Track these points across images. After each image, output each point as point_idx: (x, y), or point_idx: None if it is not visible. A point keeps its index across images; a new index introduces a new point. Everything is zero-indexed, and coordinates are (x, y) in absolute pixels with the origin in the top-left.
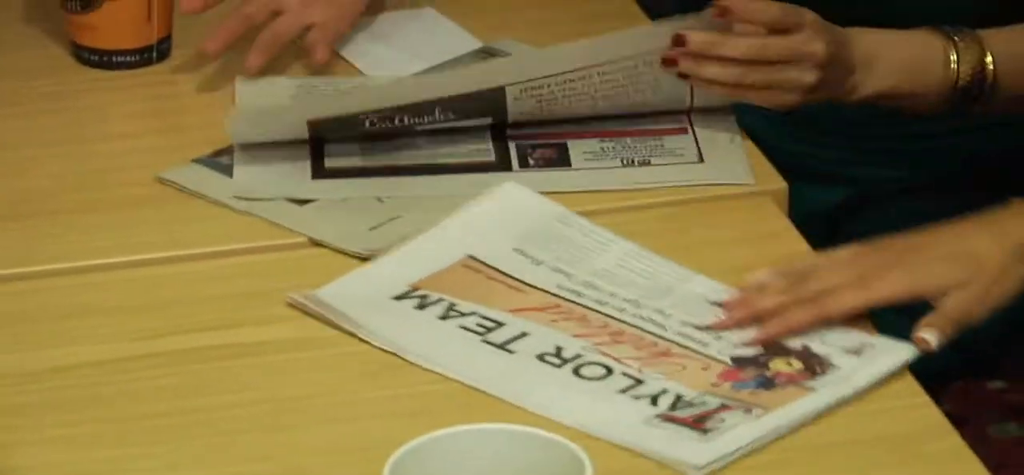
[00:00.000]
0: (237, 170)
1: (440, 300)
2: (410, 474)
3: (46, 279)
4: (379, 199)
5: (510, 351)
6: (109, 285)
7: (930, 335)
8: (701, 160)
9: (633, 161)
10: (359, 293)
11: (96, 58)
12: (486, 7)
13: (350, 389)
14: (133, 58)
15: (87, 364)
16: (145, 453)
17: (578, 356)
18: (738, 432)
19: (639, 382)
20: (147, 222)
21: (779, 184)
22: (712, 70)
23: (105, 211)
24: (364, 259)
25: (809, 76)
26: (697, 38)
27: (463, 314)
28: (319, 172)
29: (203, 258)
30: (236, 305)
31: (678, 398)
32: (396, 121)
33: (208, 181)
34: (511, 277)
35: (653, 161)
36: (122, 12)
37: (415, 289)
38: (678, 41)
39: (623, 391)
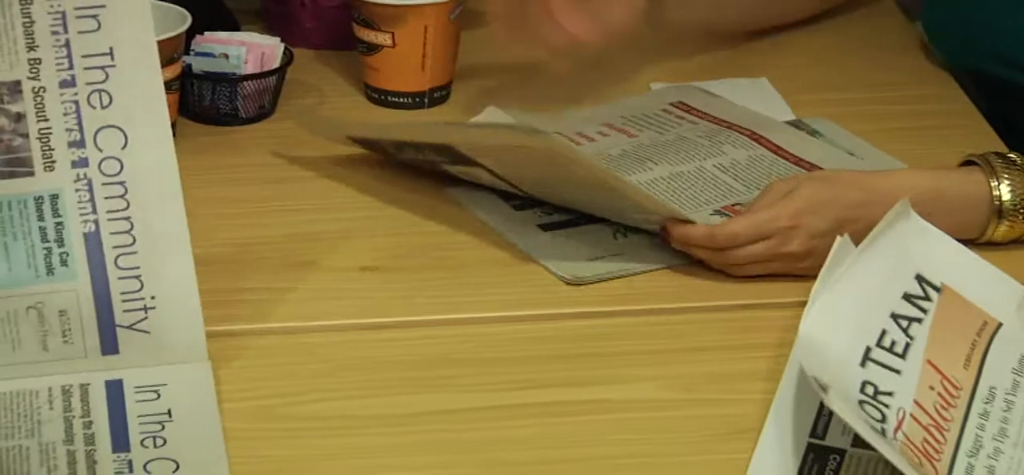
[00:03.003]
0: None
1: None
2: None
3: (419, 328)
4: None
5: None
6: (467, 337)
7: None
8: None
9: None
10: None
11: (377, 96)
12: (816, 85)
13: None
14: (406, 100)
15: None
16: None
17: None
18: None
19: None
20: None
21: None
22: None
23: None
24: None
25: (802, 262)
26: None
27: None
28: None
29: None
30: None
31: None
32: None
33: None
34: None
35: None
36: (397, 59)
37: None
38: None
39: None
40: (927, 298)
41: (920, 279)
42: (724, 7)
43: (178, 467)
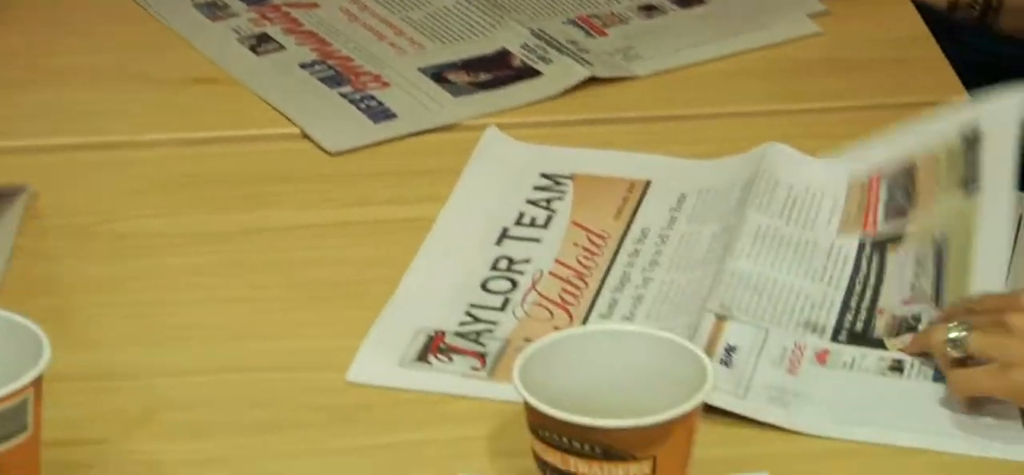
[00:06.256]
0: None
1: None
2: (538, 371)
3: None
4: None
5: None
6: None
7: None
8: None
9: None
10: None
11: None
12: None
13: None
14: None
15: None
16: None
17: None
18: None
19: None
20: None
21: None
22: None
23: None
24: None
25: None
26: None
27: None
28: None
29: None
30: None
31: None
32: None
33: None
34: None
35: None
36: None
37: None
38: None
39: None
40: (559, 185)
41: (544, 174)
42: None
43: None
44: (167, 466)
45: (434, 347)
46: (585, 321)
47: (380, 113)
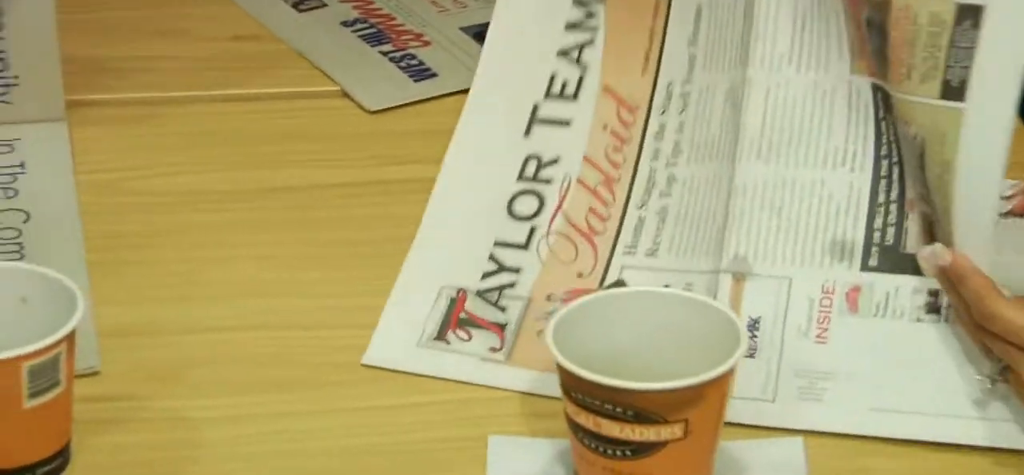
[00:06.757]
0: None
1: None
2: (570, 331)
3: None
4: None
5: None
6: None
7: None
8: None
9: None
10: None
11: None
12: None
13: None
14: None
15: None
16: None
17: None
18: None
19: None
20: None
21: None
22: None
23: None
24: None
25: None
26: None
27: None
28: None
29: None
30: None
31: None
32: None
33: None
34: None
35: None
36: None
37: None
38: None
39: None
40: (591, 14)
41: (578, 2)
42: None
43: (29, 218)
44: (194, 422)
45: (454, 318)
46: (610, 259)
47: (420, 72)
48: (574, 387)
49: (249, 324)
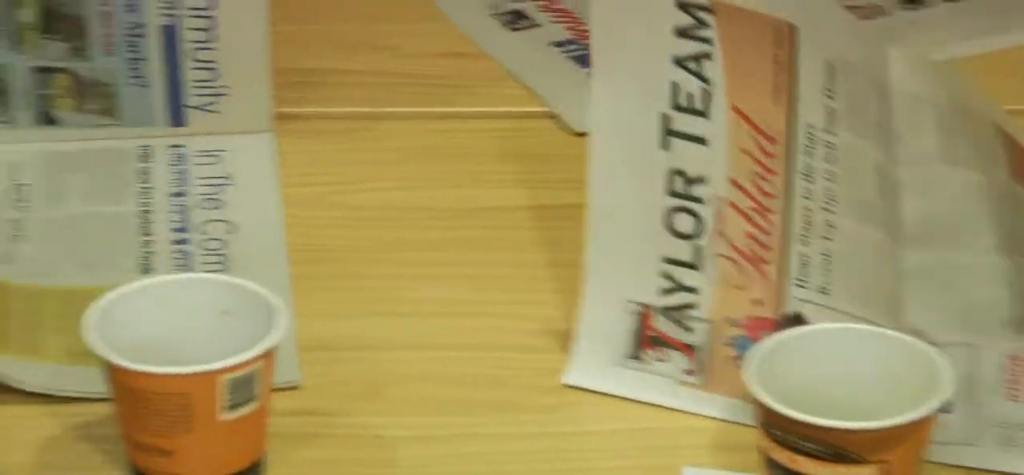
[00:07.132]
0: None
1: None
2: (767, 367)
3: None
4: None
5: None
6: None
7: None
8: None
9: None
10: None
11: None
12: None
13: None
14: None
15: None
16: None
17: None
18: None
19: None
20: None
21: None
22: None
23: None
24: None
25: None
26: None
27: None
28: None
29: None
30: None
31: None
32: None
33: None
34: None
35: None
36: None
37: None
38: None
39: None
40: (702, 24)
41: (682, 6)
42: None
43: (234, 229)
44: (389, 440)
45: (645, 336)
46: (783, 289)
47: None
48: (773, 423)
49: (449, 343)
